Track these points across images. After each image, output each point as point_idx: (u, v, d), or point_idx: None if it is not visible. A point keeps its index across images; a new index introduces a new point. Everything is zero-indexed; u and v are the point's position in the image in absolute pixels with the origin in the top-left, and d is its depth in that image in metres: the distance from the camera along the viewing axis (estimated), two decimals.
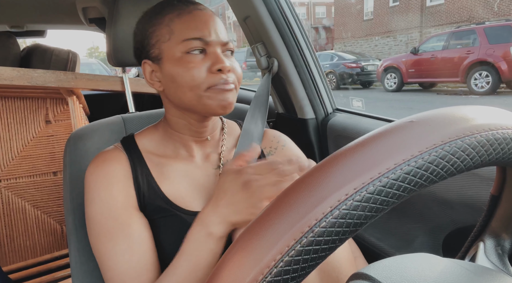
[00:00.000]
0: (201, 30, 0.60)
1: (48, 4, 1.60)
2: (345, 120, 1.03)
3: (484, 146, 0.23)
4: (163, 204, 0.63)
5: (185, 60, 0.59)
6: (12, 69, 1.22)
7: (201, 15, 0.61)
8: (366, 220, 0.21)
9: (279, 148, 0.75)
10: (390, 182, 0.21)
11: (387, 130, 0.23)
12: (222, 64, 0.59)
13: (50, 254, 1.50)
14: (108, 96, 2.10)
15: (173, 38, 0.60)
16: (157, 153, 0.67)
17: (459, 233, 0.70)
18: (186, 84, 0.60)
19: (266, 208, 0.22)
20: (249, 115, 0.82)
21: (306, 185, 0.22)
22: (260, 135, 0.77)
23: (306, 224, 0.20)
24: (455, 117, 0.23)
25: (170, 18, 0.61)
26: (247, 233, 0.21)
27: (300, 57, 1.09)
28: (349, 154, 0.22)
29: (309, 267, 0.20)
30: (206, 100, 0.60)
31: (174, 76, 0.60)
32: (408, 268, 0.26)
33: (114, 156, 0.64)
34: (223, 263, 0.21)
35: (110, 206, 0.60)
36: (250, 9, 1.08)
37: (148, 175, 0.64)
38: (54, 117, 1.50)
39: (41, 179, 1.49)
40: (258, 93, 0.93)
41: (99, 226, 0.60)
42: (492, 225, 0.33)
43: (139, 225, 0.60)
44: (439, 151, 0.21)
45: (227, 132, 0.75)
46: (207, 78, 0.59)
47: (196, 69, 0.59)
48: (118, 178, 0.62)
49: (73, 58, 1.82)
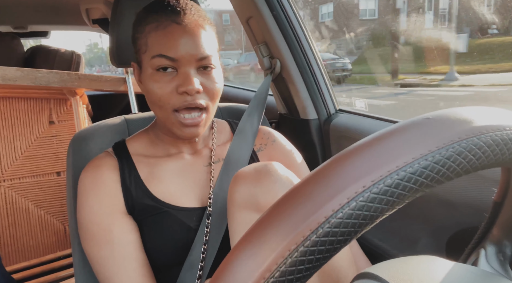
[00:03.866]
0: (170, 48, 0.58)
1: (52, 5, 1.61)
2: (347, 121, 1.03)
3: (499, 145, 0.23)
4: (152, 203, 0.64)
5: (154, 78, 0.59)
6: (16, 70, 1.23)
7: (174, 31, 0.58)
8: (382, 213, 0.21)
9: (268, 144, 0.77)
10: (408, 175, 0.21)
11: (405, 125, 0.23)
12: (187, 86, 0.57)
13: (53, 254, 1.51)
14: (112, 96, 2.10)
15: (147, 52, 0.60)
16: (147, 154, 0.68)
17: (463, 235, 0.70)
18: (154, 102, 0.61)
19: (281, 198, 0.22)
20: (246, 114, 0.82)
21: (323, 176, 0.21)
22: (255, 134, 0.77)
23: (322, 214, 0.20)
24: (471, 116, 0.24)
25: (149, 30, 0.60)
26: (262, 222, 0.21)
27: (303, 57, 1.09)
28: (367, 147, 0.22)
29: (323, 258, 0.20)
30: (171, 125, 0.61)
31: (146, 91, 0.62)
32: (415, 269, 0.26)
33: (104, 162, 0.65)
34: (236, 252, 0.21)
35: (95, 211, 0.61)
36: (252, 10, 1.08)
37: (136, 177, 0.65)
38: (58, 118, 1.50)
39: (44, 179, 1.50)
40: (257, 93, 0.93)
41: (86, 231, 0.61)
42: (494, 232, 0.33)
43: (123, 231, 0.61)
44: (456, 147, 0.22)
45: (217, 131, 0.76)
46: (173, 99, 0.59)
47: (162, 90, 0.59)
48: (105, 183, 0.63)
49: (77, 59, 1.83)
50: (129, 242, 0.61)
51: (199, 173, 0.69)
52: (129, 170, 0.66)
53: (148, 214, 0.64)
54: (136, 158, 0.67)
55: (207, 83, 0.61)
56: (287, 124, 1.22)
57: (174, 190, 0.66)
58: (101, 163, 0.65)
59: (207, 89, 0.61)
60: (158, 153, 0.69)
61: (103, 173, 0.64)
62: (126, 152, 0.68)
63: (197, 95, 0.60)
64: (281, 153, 0.75)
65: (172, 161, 0.68)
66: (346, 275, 0.52)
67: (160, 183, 0.66)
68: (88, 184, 0.63)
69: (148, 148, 0.69)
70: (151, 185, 0.65)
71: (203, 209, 0.66)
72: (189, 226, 0.64)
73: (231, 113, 0.90)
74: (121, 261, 0.59)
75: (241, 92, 1.73)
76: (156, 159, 0.68)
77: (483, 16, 4.61)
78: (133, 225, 0.63)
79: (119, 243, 0.60)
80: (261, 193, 0.52)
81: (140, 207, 0.64)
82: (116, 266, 0.59)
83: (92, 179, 0.63)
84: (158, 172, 0.66)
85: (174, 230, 0.64)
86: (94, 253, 0.60)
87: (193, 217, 0.65)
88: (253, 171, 0.55)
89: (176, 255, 0.63)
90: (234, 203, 0.55)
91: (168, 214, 0.64)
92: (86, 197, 0.62)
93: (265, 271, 0.19)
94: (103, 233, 0.60)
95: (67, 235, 1.56)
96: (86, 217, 0.61)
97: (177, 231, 0.64)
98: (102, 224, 0.60)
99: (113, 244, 0.60)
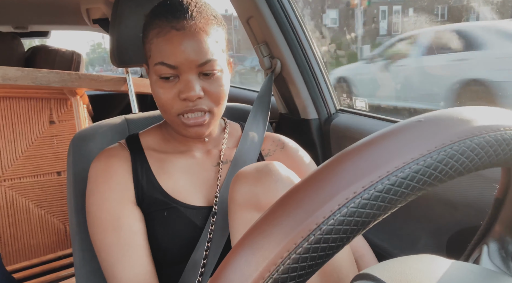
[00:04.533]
0: (169, 55, 0.58)
1: (52, 5, 1.61)
2: (348, 121, 1.03)
3: (493, 146, 0.23)
4: (161, 197, 0.65)
5: (157, 85, 0.61)
6: (17, 69, 1.23)
7: (174, 38, 0.58)
8: (374, 218, 0.21)
9: (277, 150, 0.76)
10: (399, 180, 0.21)
11: (396, 129, 0.23)
12: (187, 93, 0.59)
13: (54, 253, 1.51)
14: (112, 96, 2.10)
15: (151, 58, 0.62)
16: (159, 150, 0.70)
17: (463, 234, 0.70)
18: (160, 107, 0.63)
19: (274, 205, 0.22)
20: (251, 117, 0.82)
21: (314, 182, 0.21)
22: (262, 137, 0.77)
23: (313, 221, 0.20)
24: (463, 117, 0.23)
25: (151, 36, 0.61)
26: (254, 230, 0.21)
27: (303, 57, 1.09)
28: (358, 152, 0.22)
29: (316, 265, 0.20)
30: (177, 127, 0.63)
31: (153, 94, 0.63)
32: (413, 269, 0.26)
33: (117, 152, 0.67)
34: (229, 260, 0.21)
35: (106, 198, 0.62)
36: (253, 10, 1.08)
37: (147, 169, 0.66)
38: (58, 118, 1.51)
39: (45, 178, 1.50)
40: (260, 94, 0.93)
41: (94, 217, 0.62)
42: (496, 228, 0.33)
43: (131, 219, 0.62)
44: (448, 150, 0.21)
45: (228, 133, 0.76)
46: (176, 105, 0.61)
47: (165, 95, 0.61)
48: (117, 172, 0.64)
49: (77, 59, 1.83)
50: (136, 231, 0.61)
51: (207, 172, 0.70)
52: (141, 162, 0.67)
53: (157, 208, 0.64)
54: (148, 152, 0.69)
55: (211, 88, 0.61)
56: (288, 124, 1.22)
57: (183, 187, 0.67)
58: (114, 153, 0.66)
59: (210, 93, 0.61)
60: (169, 149, 0.70)
61: (115, 163, 0.65)
62: (139, 145, 0.69)
63: (199, 100, 0.61)
64: (291, 159, 0.74)
65: (182, 158, 0.69)
66: (347, 275, 0.52)
67: (170, 179, 0.67)
68: (100, 172, 0.64)
69: (160, 143, 0.71)
70: (162, 179, 0.66)
71: (209, 208, 0.67)
72: (196, 224, 0.65)
73: (232, 113, 0.90)
74: (127, 249, 0.59)
75: (242, 92, 1.73)
76: (167, 154, 0.69)
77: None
78: (141, 216, 0.63)
79: (127, 230, 0.60)
80: (262, 192, 0.52)
81: (149, 200, 0.64)
82: (121, 253, 0.59)
83: (104, 167, 0.64)
84: (168, 168, 0.67)
85: (181, 227, 0.64)
86: (100, 239, 0.61)
87: (199, 216, 0.65)
88: (254, 170, 0.55)
89: (180, 253, 0.64)
90: (235, 202, 0.55)
91: (176, 210, 0.64)
92: (97, 183, 0.63)
93: (259, 278, 0.20)
94: (111, 220, 0.61)
95: (67, 235, 1.57)
96: (95, 203, 0.62)
97: (183, 228, 0.64)
98: (111, 211, 0.61)
99: (120, 231, 0.60)
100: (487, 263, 0.32)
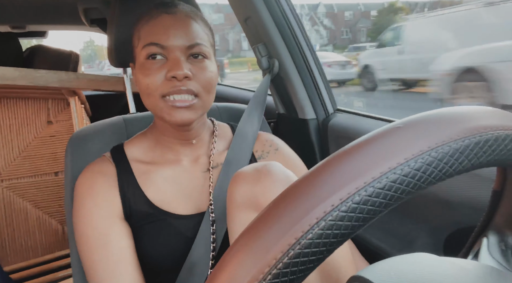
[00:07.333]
0: (159, 35, 0.58)
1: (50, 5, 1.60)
2: (346, 120, 1.03)
3: (474, 149, 0.22)
4: (149, 210, 0.64)
5: (144, 67, 0.60)
6: (15, 70, 1.23)
7: (165, 20, 0.59)
8: (354, 229, 0.20)
9: (271, 152, 0.75)
10: (376, 191, 0.20)
11: (373, 137, 0.22)
12: (175, 71, 0.57)
13: (51, 254, 1.50)
14: (110, 96, 2.10)
15: (139, 44, 0.61)
16: (144, 160, 0.68)
17: (461, 234, 0.70)
18: (143, 91, 0.61)
19: (253, 221, 0.22)
20: (246, 115, 0.82)
21: (292, 196, 0.21)
22: (255, 135, 0.77)
23: (292, 236, 0.20)
24: (442, 120, 0.23)
25: (141, 24, 0.61)
26: (235, 246, 0.21)
27: (301, 57, 1.09)
28: (334, 164, 0.22)
29: (297, 279, 0.20)
30: (160, 112, 0.60)
31: (136, 81, 0.62)
32: (406, 269, 0.26)
33: (102, 167, 0.65)
34: (213, 277, 0.21)
35: (92, 215, 0.61)
36: (251, 10, 1.08)
37: (134, 182, 0.65)
38: (56, 118, 1.50)
39: (42, 179, 1.50)
40: (257, 93, 0.93)
41: (81, 234, 0.61)
42: (496, 221, 0.33)
43: (118, 235, 0.61)
44: (426, 157, 0.21)
45: (218, 135, 0.74)
46: (161, 85, 0.59)
47: (151, 76, 0.59)
48: (103, 189, 0.63)
49: (75, 59, 1.83)
50: (125, 246, 0.60)
51: (197, 180, 0.68)
52: (126, 176, 0.65)
53: (145, 221, 0.63)
54: (134, 163, 0.67)
55: (198, 72, 0.60)
56: (286, 124, 1.22)
57: (171, 197, 0.66)
58: (99, 169, 0.65)
59: (198, 77, 0.60)
60: (156, 158, 0.68)
61: (100, 179, 0.63)
62: (124, 157, 0.67)
63: (187, 81, 0.59)
64: (285, 162, 0.74)
65: (170, 167, 0.68)
66: (346, 274, 0.52)
67: (157, 190, 0.65)
68: (85, 189, 0.63)
69: (147, 152, 0.69)
70: (149, 192, 0.65)
71: (200, 215, 0.66)
72: (186, 235, 0.64)
73: (230, 114, 0.90)
74: (115, 265, 0.59)
75: (240, 92, 1.73)
76: (153, 165, 0.67)
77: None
78: (129, 231, 0.63)
79: (115, 246, 0.59)
80: (261, 192, 0.52)
81: (137, 214, 0.63)
82: (110, 269, 0.58)
83: (89, 184, 0.63)
84: (155, 179, 0.66)
85: (171, 238, 0.63)
86: (88, 256, 0.60)
87: (190, 225, 0.65)
88: (253, 170, 0.55)
89: (172, 262, 0.63)
90: (233, 203, 0.54)
91: (164, 222, 0.63)
92: (83, 201, 0.62)
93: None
94: (98, 237, 0.60)
95: (65, 235, 1.56)
96: (82, 220, 0.61)
97: (173, 239, 0.63)
98: (98, 228, 0.60)
99: (108, 247, 0.59)
100: (487, 256, 0.32)
